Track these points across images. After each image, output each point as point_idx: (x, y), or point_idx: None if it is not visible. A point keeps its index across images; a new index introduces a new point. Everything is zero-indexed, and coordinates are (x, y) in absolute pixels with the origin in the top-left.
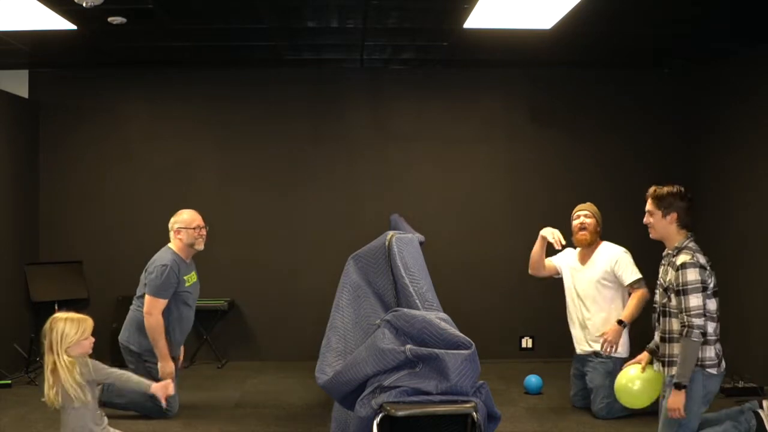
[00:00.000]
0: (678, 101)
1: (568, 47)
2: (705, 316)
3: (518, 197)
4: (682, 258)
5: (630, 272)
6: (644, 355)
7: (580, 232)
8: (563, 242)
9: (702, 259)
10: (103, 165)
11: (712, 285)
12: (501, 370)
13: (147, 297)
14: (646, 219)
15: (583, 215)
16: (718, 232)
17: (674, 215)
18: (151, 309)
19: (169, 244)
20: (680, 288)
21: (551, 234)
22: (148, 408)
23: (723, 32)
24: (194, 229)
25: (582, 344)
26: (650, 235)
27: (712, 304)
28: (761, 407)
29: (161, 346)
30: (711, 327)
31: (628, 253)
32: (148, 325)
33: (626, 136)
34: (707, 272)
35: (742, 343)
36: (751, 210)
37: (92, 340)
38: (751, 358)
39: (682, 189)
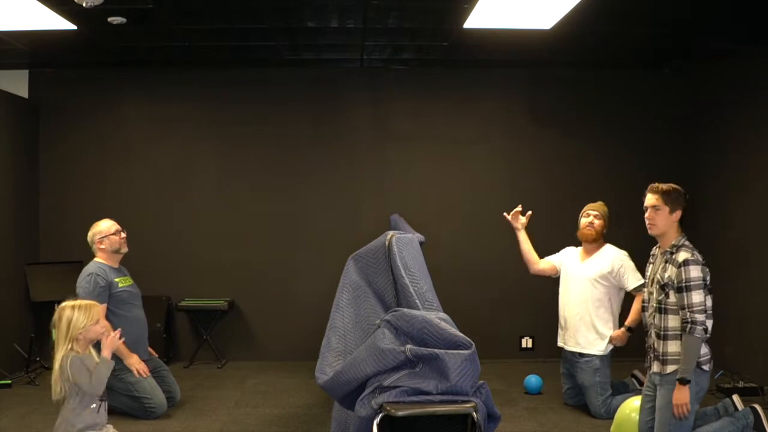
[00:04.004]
0: (678, 101)
1: (568, 47)
2: (706, 312)
3: (518, 197)
4: (684, 255)
5: (635, 278)
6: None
7: (587, 228)
8: (519, 209)
9: (699, 257)
10: (103, 165)
11: (708, 282)
12: (501, 370)
13: None
14: (651, 214)
15: (594, 215)
16: (718, 232)
17: (679, 212)
18: None
19: (94, 258)
20: (683, 285)
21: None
22: (134, 408)
23: (723, 32)
24: (114, 234)
25: (561, 339)
26: (651, 231)
27: (709, 301)
28: (734, 403)
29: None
30: (708, 324)
31: (629, 257)
32: None
33: (626, 136)
34: (706, 269)
35: (742, 343)
36: (751, 209)
37: (103, 324)
38: (751, 358)
39: (682, 189)
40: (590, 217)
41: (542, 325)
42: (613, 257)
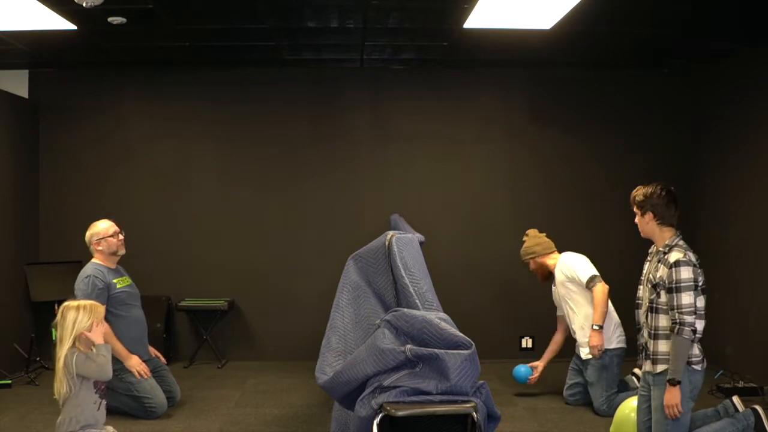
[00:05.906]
0: (678, 101)
1: (568, 47)
2: (696, 314)
3: (518, 197)
4: (675, 255)
5: (582, 273)
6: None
7: (538, 276)
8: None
9: (693, 257)
10: (103, 165)
11: (700, 283)
12: (501, 370)
13: None
14: (636, 220)
15: (530, 262)
16: (719, 232)
17: (650, 214)
18: None
19: (92, 260)
20: (673, 285)
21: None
22: (135, 408)
23: (723, 32)
24: (112, 236)
25: (577, 349)
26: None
27: (700, 302)
28: (734, 405)
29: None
30: (700, 325)
31: (576, 256)
32: None
33: (626, 136)
34: (698, 270)
35: (742, 343)
36: (751, 209)
37: (106, 325)
38: (751, 358)
39: (659, 187)
40: (529, 266)
41: (542, 325)
42: (560, 268)
